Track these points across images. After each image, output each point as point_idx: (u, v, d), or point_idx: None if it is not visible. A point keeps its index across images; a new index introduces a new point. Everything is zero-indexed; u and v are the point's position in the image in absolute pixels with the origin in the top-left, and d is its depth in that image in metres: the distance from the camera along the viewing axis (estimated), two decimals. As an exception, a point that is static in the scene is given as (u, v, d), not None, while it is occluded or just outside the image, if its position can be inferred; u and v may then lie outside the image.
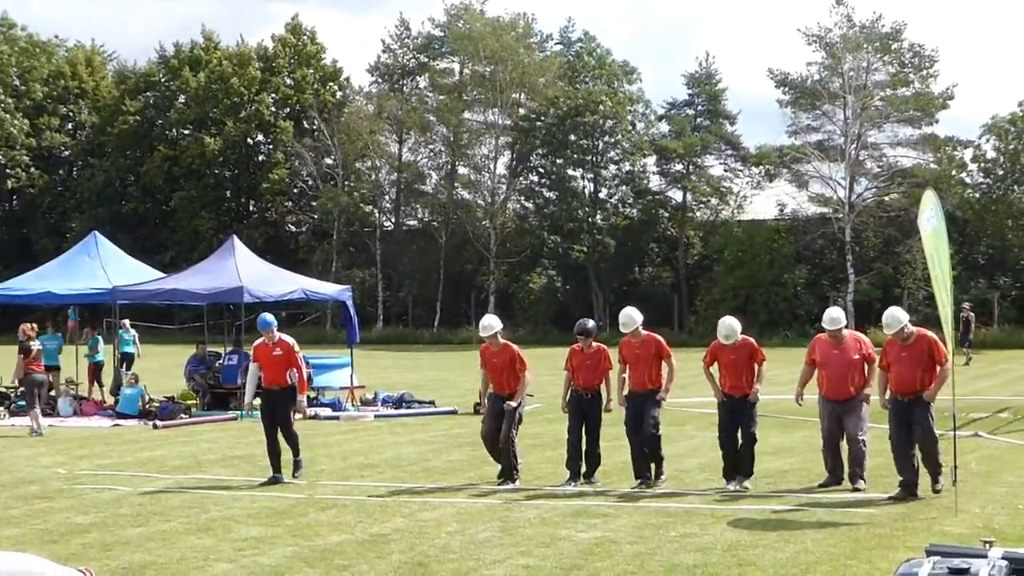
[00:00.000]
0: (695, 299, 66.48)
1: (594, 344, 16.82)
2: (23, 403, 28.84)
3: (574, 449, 16.61)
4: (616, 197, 72.22)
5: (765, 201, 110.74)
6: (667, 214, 71.07)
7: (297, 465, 17.46)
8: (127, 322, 35.05)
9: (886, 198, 63.87)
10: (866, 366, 15.75)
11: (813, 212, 66.78)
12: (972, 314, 45.02)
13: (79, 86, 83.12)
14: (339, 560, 12.03)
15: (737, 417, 16.09)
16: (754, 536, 12.86)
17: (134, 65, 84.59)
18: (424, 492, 16.27)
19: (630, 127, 70.73)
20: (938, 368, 14.83)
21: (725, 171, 70.54)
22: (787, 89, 65.80)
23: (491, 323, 17.53)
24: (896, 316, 15.17)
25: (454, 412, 27.25)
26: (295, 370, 17.69)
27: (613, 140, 69.83)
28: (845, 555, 11.85)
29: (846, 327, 16.15)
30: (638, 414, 16.19)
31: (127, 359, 34.35)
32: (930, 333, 15.28)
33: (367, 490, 16.43)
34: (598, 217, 70.69)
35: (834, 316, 15.96)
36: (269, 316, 18.08)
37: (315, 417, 26.83)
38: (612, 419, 16.73)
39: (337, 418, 27.11)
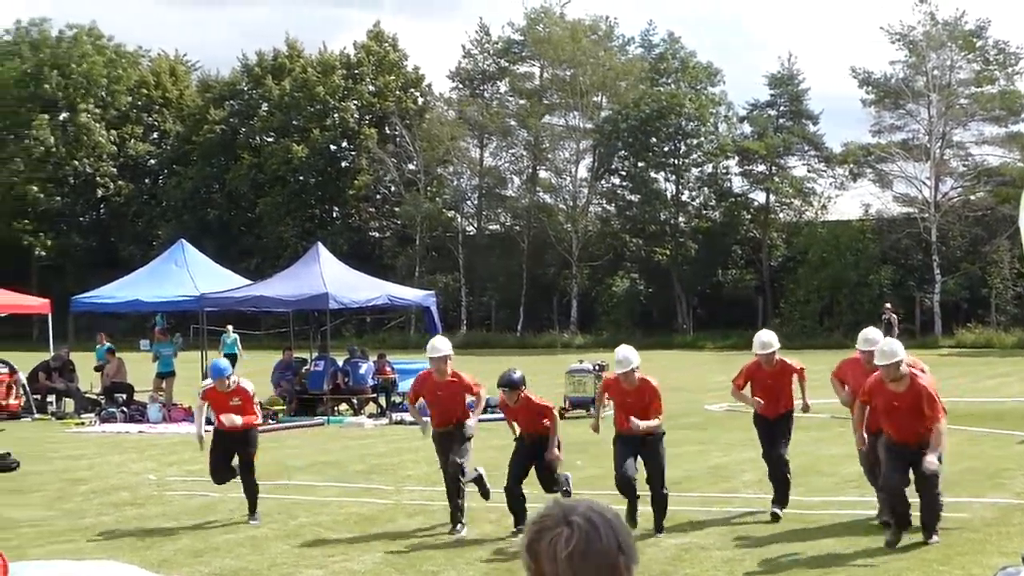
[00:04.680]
0: (780, 301, 65.98)
1: (523, 394, 14.40)
2: (112, 409, 29.31)
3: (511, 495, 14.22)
4: (699, 199, 71.98)
5: (849, 201, 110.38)
6: (750, 216, 70.61)
7: (254, 515, 15.13)
8: (230, 327, 36.34)
9: (972, 197, 62.98)
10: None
11: (898, 212, 66.01)
12: (895, 315, 43.61)
13: (163, 96, 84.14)
14: (428, 566, 12.07)
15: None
16: (843, 542, 12.74)
17: (217, 74, 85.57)
18: (499, 499, 16.22)
19: (712, 129, 70.45)
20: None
21: (808, 172, 69.91)
22: (870, 88, 65.16)
23: (439, 345, 15.03)
24: (891, 348, 12.98)
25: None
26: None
27: (696, 142, 69.59)
28: (938, 560, 11.71)
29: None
30: (634, 452, 13.95)
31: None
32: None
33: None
34: (680, 219, 70.43)
35: (870, 338, 14.00)
36: (223, 362, 16.39)
37: (400, 423, 26.94)
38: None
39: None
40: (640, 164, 69.96)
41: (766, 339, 14.96)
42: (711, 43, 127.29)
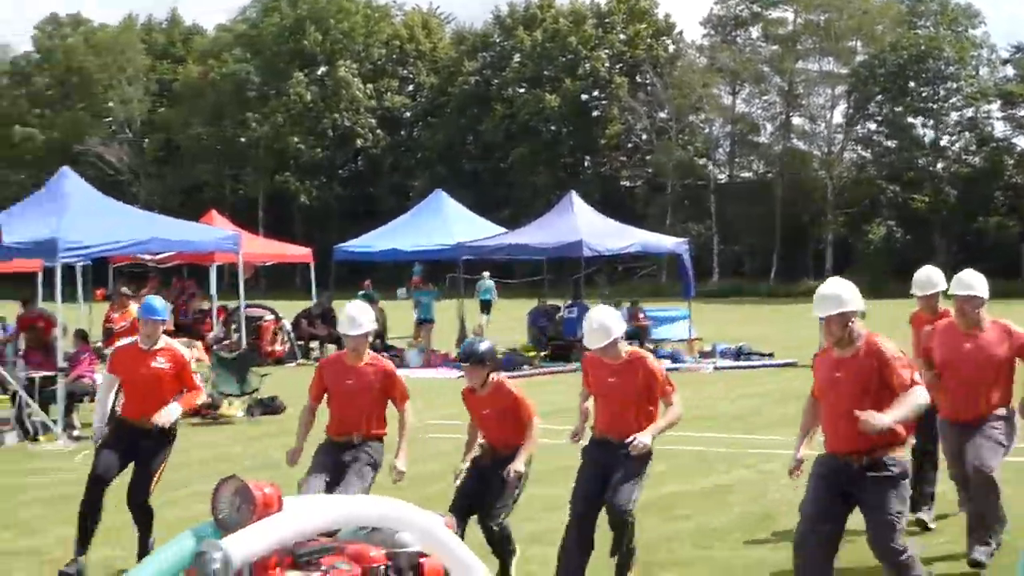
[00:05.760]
0: (1044, 249, 63.88)
1: (495, 378, 9.75)
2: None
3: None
4: (958, 145, 70.13)
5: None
6: (1013, 161, 68.40)
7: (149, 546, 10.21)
8: (486, 274, 37.60)
9: None
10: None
11: None
12: None
13: (417, 49, 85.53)
14: (680, 510, 12.09)
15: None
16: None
17: (470, 26, 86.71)
18: (765, 444, 16.14)
19: (973, 72, 68.44)
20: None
21: (1075, 115, 67.50)
22: None
23: (359, 316, 10.04)
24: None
25: (794, 364, 26.88)
26: (182, 393, 10.56)
27: (955, 86, 67.76)
28: None
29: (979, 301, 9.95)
30: (603, 476, 9.35)
31: (486, 306, 36.91)
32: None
33: (706, 441, 16.39)
34: (939, 165, 68.70)
35: (965, 280, 10.02)
36: (157, 301, 10.97)
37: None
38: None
39: (676, 370, 27.22)
40: (897, 109, 68.52)
41: (924, 276, 11.26)
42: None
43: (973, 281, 9.86)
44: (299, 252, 37.63)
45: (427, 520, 6.54)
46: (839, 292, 8.03)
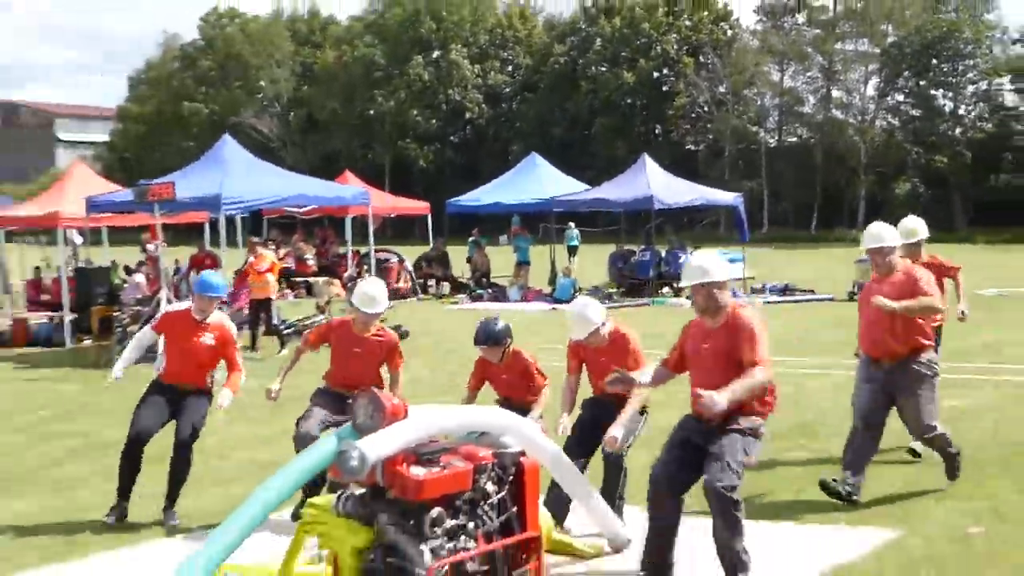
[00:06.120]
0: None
1: (511, 350, 8.85)
2: (480, 291, 30.30)
3: None
4: (974, 113, 68.93)
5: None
6: (1021, 127, 67.05)
7: (170, 512, 9.10)
8: (572, 224, 37.99)
9: None
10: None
11: None
12: None
13: (515, 35, 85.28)
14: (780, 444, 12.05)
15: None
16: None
17: (560, 15, 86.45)
18: (806, 365, 16.08)
19: (988, 51, 67.21)
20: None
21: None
22: None
23: (377, 295, 9.31)
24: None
25: (831, 299, 26.74)
26: (227, 368, 9.47)
27: (972, 63, 66.62)
28: None
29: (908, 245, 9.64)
30: (595, 426, 8.18)
31: (572, 250, 37.33)
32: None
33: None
34: (957, 131, 67.57)
35: (874, 232, 9.20)
36: (215, 277, 9.57)
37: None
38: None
39: (731, 304, 27.16)
40: (922, 83, 67.51)
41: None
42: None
43: (881, 232, 8.99)
44: (418, 206, 37.92)
45: (526, 425, 6.68)
46: (703, 264, 7.09)
